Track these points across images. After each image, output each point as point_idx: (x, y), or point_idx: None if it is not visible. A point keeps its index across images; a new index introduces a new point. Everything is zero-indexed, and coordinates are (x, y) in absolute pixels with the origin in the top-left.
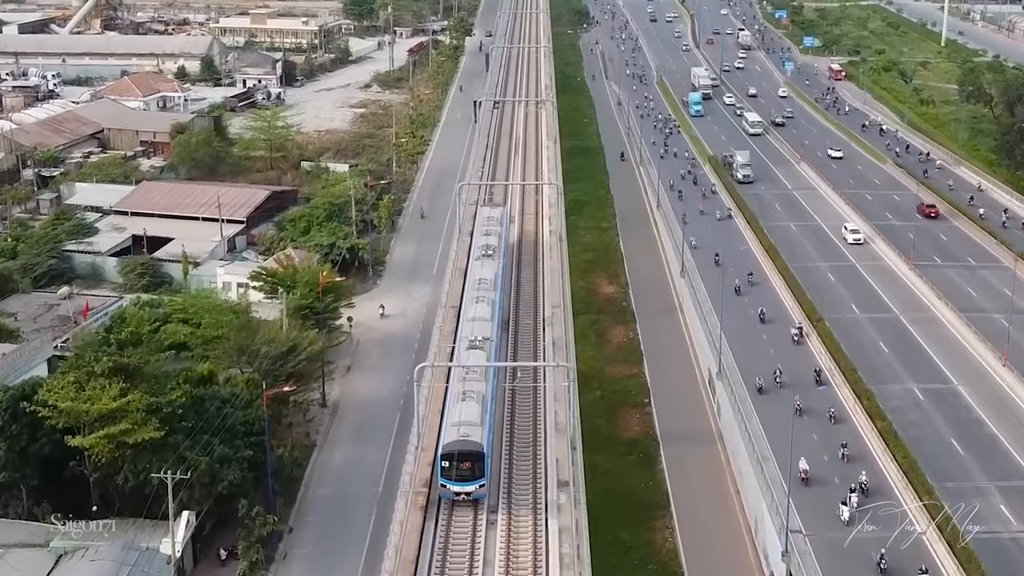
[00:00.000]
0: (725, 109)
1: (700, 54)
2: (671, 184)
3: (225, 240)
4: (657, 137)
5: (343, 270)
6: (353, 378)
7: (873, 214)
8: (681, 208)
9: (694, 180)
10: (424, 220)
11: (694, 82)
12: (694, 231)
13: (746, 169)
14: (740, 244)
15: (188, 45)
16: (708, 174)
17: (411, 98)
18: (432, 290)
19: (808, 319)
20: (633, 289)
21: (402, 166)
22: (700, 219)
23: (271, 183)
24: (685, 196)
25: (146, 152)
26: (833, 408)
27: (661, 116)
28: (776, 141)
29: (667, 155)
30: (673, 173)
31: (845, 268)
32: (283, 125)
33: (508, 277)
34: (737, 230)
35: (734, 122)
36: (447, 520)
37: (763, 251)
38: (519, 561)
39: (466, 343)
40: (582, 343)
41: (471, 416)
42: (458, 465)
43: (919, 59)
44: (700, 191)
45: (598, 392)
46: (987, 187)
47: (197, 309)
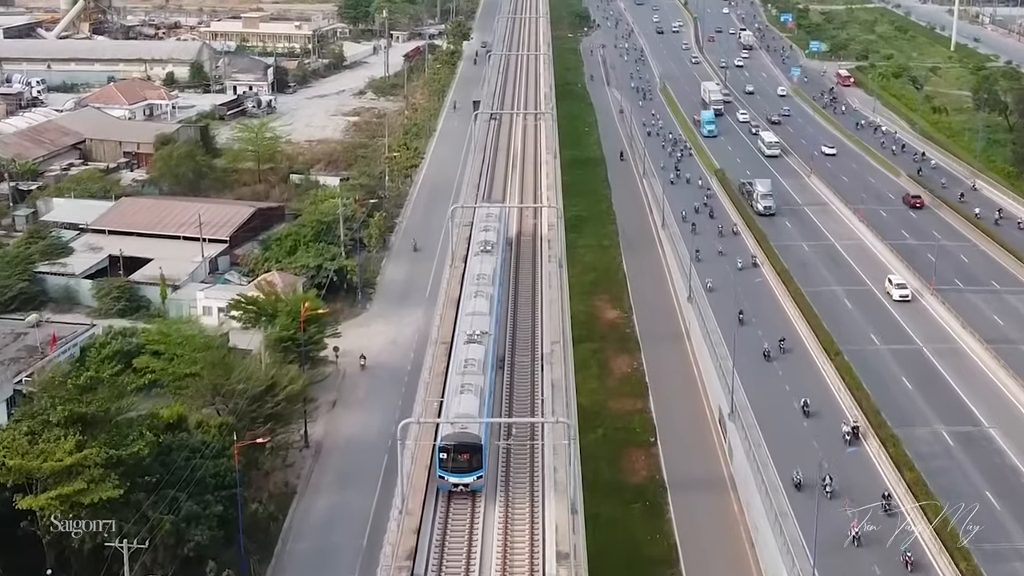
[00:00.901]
0: (739, 127)
1: (704, 56)
2: (683, 215)
3: (206, 261)
4: (667, 160)
5: (330, 293)
6: (338, 415)
7: (889, 232)
8: (695, 242)
9: (710, 212)
10: (417, 250)
11: (704, 97)
12: (710, 272)
13: (768, 200)
14: (766, 297)
15: (177, 50)
16: (726, 206)
17: (406, 106)
18: (424, 314)
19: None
20: (637, 314)
21: (395, 180)
22: (717, 260)
23: (259, 197)
24: (700, 229)
25: (129, 164)
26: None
27: (671, 136)
28: (784, 152)
29: (678, 180)
30: (685, 202)
31: (862, 293)
32: (272, 136)
33: (507, 273)
34: (764, 284)
35: (749, 141)
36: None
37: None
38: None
39: (464, 337)
40: (583, 374)
41: (469, 409)
42: (456, 457)
43: (928, 64)
44: (717, 226)
45: (600, 430)
46: (981, 186)
47: (171, 341)
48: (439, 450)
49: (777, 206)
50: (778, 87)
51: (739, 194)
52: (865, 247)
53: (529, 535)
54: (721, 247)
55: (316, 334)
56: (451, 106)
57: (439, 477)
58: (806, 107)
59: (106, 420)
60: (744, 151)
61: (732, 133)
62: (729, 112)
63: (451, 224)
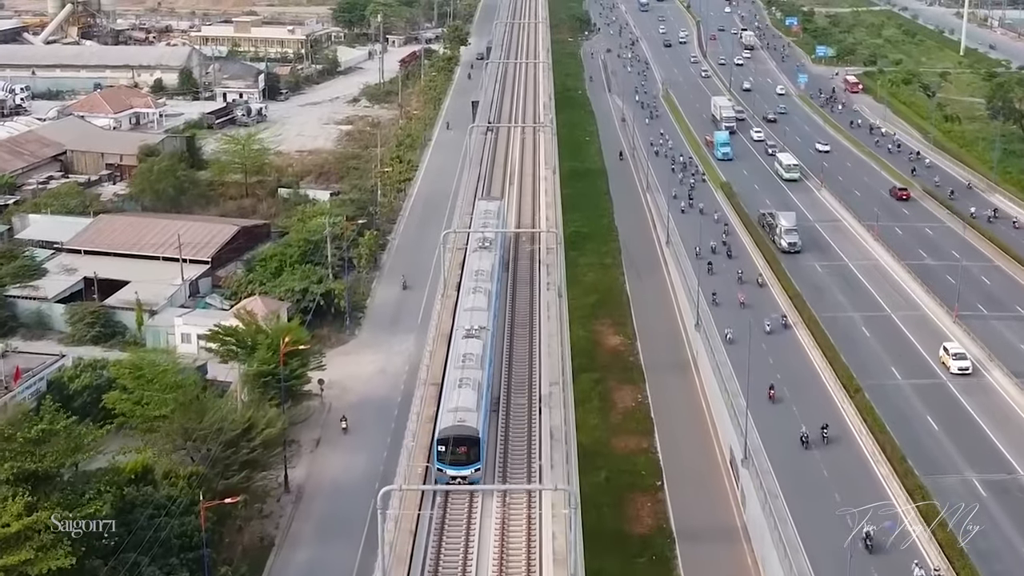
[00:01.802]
0: (754, 147)
1: (713, 69)
2: (696, 251)
3: (186, 284)
4: (678, 187)
5: (317, 318)
6: (322, 455)
7: (905, 252)
8: (711, 283)
9: (728, 251)
10: (407, 288)
11: (715, 114)
12: (730, 320)
13: (792, 236)
14: (800, 366)
15: (165, 56)
16: (744, 241)
17: (401, 115)
18: (416, 342)
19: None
20: (641, 340)
21: (387, 195)
22: (740, 313)
23: (245, 212)
24: (717, 269)
25: (112, 176)
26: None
27: (680, 158)
28: (803, 176)
29: (690, 210)
30: (699, 235)
31: (880, 319)
32: (259, 148)
33: (505, 269)
34: (797, 346)
35: (766, 164)
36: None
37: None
38: None
39: (463, 332)
40: (584, 407)
41: (467, 402)
42: (454, 449)
43: (938, 69)
44: (736, 271)
45: (603, 472)
46: (976, 185)
47: (143, 375)
48: (437, 443)
49: (803, 242)
50: (777, 86)
51: (759, 227)
52: (881, 268)
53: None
54: (744, 296)
55: (298, 368)
56: (444, 126)
57: (437, 470)
58: (803, 105)
59: (60, 476)
60: (761, 175)
61: (748, 155)
62: (743, 130)
63: (443, 250)
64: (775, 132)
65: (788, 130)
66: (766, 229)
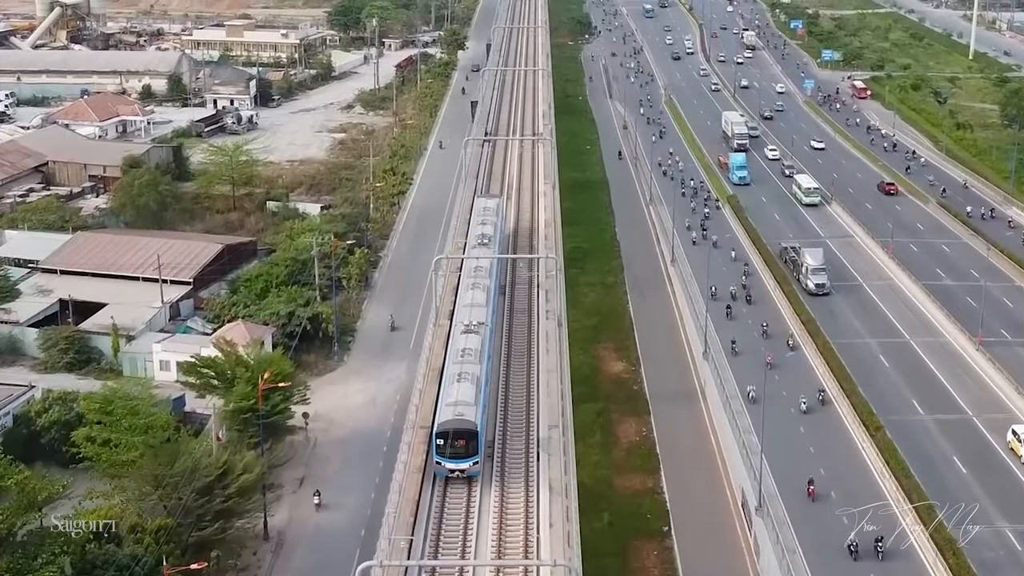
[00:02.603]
0: (769, 167)
1: (722, 81)
2: (712, 291)
3: (167, 307)
4: (690, 216)
5: (304, 343)
6: (306, 496)
7: (923, 271)
8: (729, 330)
9: (748, 296)
10: (395, 318)
11: (726, 130)
12: (752, 376)
13: (820, 277)
14: (842, 450)
15: (155, 61)
16: (766, 280)
17: (395, 122)
18: (408, 369)
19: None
20: (645, 367)
21: (380, 209)
22: (764, 368)
23: (232, 226)
24: (736, 313)
25: (95, 188)
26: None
27: (691, 182)
28: (824, 200)
29: (702, 241)
30: (713, 272)
31: (899, 345)
32: (247, 159)
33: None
34: (840, 431)
35: (783, 187)
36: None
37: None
38: None
39: (461, 327)
40: (585, 442)
41: (466, 396)
42: (453, 443)
43: (947, 74)
44: (761, 323)
45: (606, 516)
46: (972, 184)
47: (114, 411)
48: (436, 436)
49: (831, 283)
50: (777, 84)
51: (781, 263)
52: (897, 288)
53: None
54: (771, 357)
55: (280, 403)
56: (437, 144)
57: (436, 463)
58: (809, 111)
59: (13, 537)
60: (780, 201)
61: (764, 178)
62: (757, 148)
63: (434, 277)
64: (772, 130)
65: (784, 126)
66: (789, 265)
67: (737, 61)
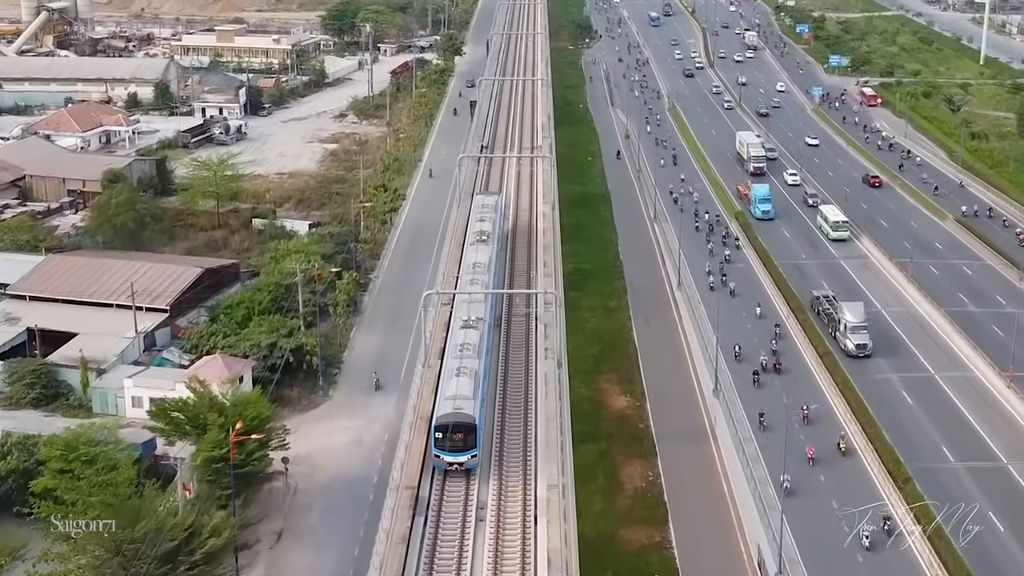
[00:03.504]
0: (790, 194)
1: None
2: (736, 351)
3: (141, 337)
4: (708, 258)
5: (287, 375)
6: (283, 552)
7: (944, 297)
8: (757, 400)
9: (776, 363)
10: (379, 388)
11: (740, 152)
12: (786, 461)
13: (861, 336)
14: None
15: (141, 68)
16: (799, 341)
17: (389, 133)
18: (398, 404)
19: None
20: (651, 402)
21: (371, 227)
22: (807, 473)
23: (216, 246)
24: (765, 381)
25: (74, 204)
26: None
27: (707, 216)
28: (854, 235)
29: (721, 288)
30: (735, 327)
31: (923, 381)
32: (232, 173)
33: (502, 262)
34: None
35: (807, 217)
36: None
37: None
38: None
39: (460, 322)
40: (587, 487)
41: (464, 390)
42: (451, 436)
43: (958, 80)
44: (802, 406)
45: (609, 574)
46: (968, 184)
47: (79, 456)
48: (435, 430)
49: (872, 344)
50: (778, 83)
51: (812, 314)
52: (918, 316)
53: None
54: (813, 451)
55: (256, 451)
56: (427, 173)
57: (435, 456)
58: (818, 120)
59: None
60: (805, 235)
61: (785, 208)
62: (775, 172)
63: (424, 315)
64: (767, 127)
65: (781, 124)
66: (822, 318)
67: (736, 59)
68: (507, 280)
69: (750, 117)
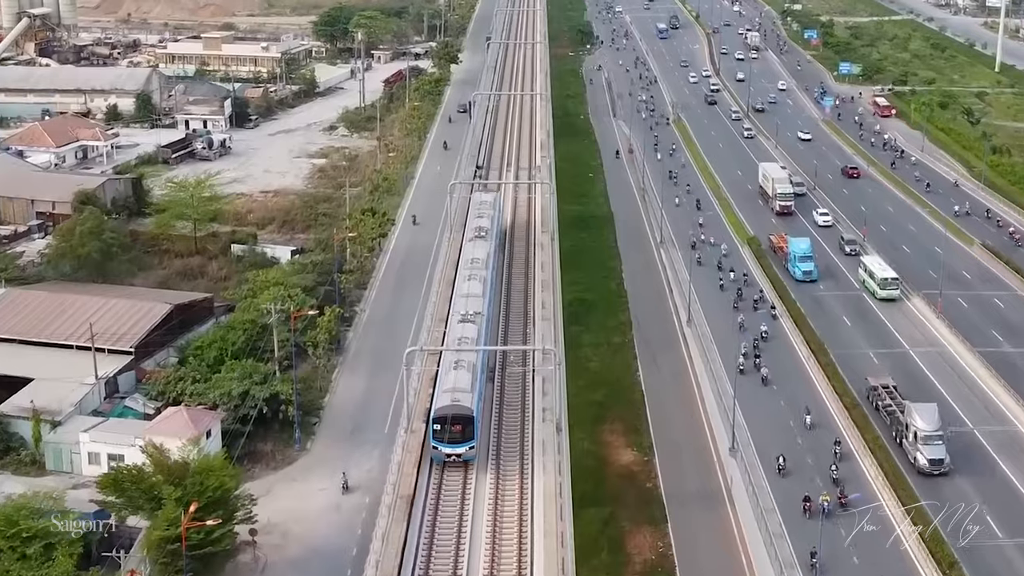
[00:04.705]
0: (822, 237)
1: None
2: (781, 465)
3: (102, 383)
4: (737, 333)
5: (260, 427)
6: None
7: (978, 335)
8: (808, 534)
9: (841, 498)
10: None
11: (764, 186)
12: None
13: (936, 449)
14: None
15: (122, 79)
16: (858, 453)
17: (379, 147)
18: (382, 458)
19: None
20: (660, 457)
21: (357, 254)
22: None
23: (192, 275)
24: (817, 507)
25: (43, 227)
26: None
27: (733, 273)
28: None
29: (753, 372)
30: (772, 433)
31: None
32: (211, 195)
33: (499, 258)
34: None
35: (845, 268)
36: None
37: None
38: None
39: (458, 317)
40: (589, 563)
41: (462, 383)
42: (450, 429)
43: (973, 88)
44: (884, 544)
45: None
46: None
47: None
48: (433, 421)
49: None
50: (779, 81)
51: (870, 407)
52: (950, 358)
53: None
54: None
55: (216, 530)
56: (411, 220)
57: (433, 448)
58: (830, 132)
59: None
60: (845, 292)
61: (820, 258)
62: (803, 210)
63: (406, 375)
64: (762, 122)
65: (777, 119)
66: (881, 414)
67: (737, 57)
68: (505, 278)
69: (773, 145)
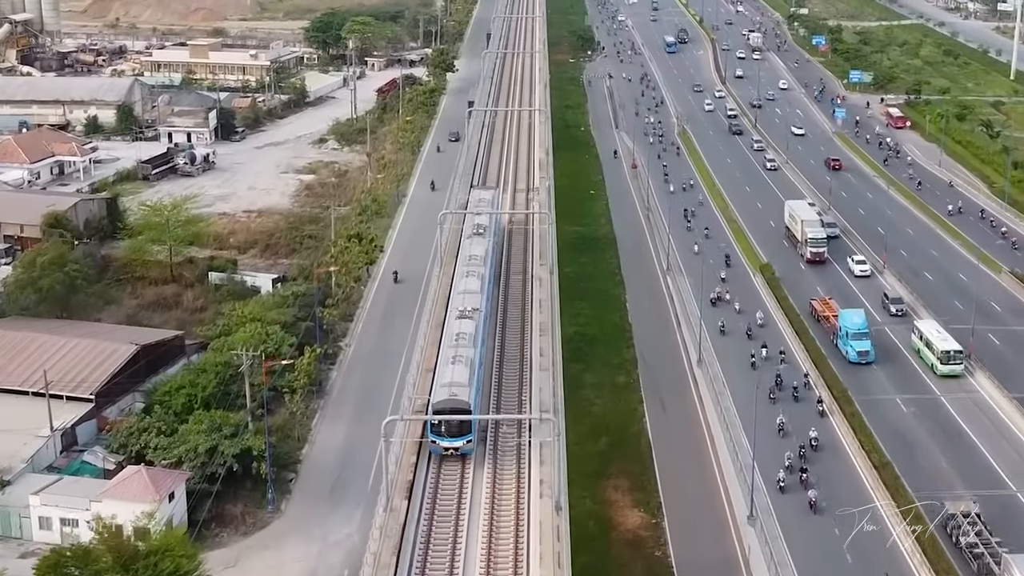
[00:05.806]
0: (859, 289)
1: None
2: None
3: (58, 436)
4: (778, 439)
5: (229, 486)
6: None
7: (1010, 377)
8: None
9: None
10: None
11: (791, 226)
12: None
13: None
14: None
15: (102, 89)
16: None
17: (368, 164)
18: (364, 519)
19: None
20: (670, 519)
21: (342, 284)
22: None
23: (166, 305)
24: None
25: (10, 251)
26: None
27: (765, 350)
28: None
29: (797, 489)
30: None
31: (1003, 501)
32: (188, 218)
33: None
34: None
35: (890, 332)
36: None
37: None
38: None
39: (456, 313)
40: None
41: (460, 377)
42: (447, 422)
43: (989, 97)
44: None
45: None
46: (957, 183)
47: None
48: (432, 415)
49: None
50: (780, 80)
51: (947, 540)
52: (984, 405)
53: None
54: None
55: None
56: (392, 278)
57: (431, 441)
58: (842, 145)
59: None
60: (897, 366)
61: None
62: (837, 256)
63: (385, 448)
64: (761, 118)
65: (776, 116)
66: (966, 555)
67: (739, 56)
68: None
69: (798, 177)
